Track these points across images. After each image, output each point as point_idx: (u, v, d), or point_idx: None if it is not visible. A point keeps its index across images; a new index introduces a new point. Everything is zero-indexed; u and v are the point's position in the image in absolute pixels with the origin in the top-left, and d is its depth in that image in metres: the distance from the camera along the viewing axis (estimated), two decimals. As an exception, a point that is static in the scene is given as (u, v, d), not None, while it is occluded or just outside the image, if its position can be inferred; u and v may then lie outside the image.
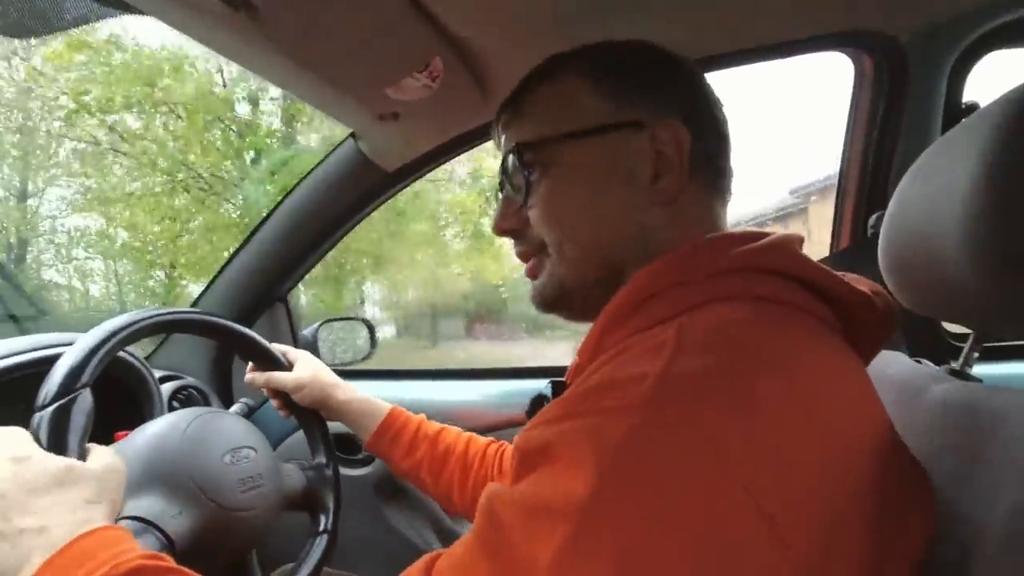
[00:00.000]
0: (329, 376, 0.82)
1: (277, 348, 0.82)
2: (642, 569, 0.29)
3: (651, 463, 0.30)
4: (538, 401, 0.69)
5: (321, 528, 0.74)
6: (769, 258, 0.42)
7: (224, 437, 0.66)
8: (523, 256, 0.53)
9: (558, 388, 0.64)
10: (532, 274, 0.52)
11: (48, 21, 0.65)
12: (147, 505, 0.57)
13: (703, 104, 0.50)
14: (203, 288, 1.15)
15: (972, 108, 0.83)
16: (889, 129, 0.85)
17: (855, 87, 0.90)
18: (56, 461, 0.46)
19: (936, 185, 0.43)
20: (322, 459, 0.79)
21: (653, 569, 0.29)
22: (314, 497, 0.75)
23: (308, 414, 0.81)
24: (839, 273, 0.45)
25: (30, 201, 6.55)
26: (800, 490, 0.31)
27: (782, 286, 0.41)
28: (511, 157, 0.50)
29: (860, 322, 0.45)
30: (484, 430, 1.05)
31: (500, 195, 0.54)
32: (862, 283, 0.48)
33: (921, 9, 0.76)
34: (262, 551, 0.96)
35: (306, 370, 0.80)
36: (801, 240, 0.45)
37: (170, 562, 0.43)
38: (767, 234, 0.45)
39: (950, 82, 0.81)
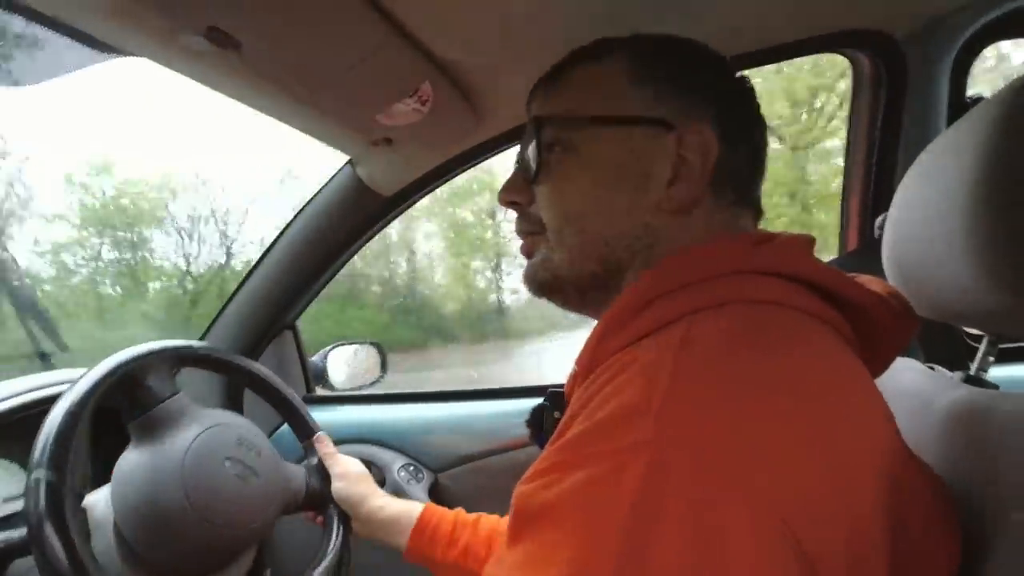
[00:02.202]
0: (371, 483, 0.81)
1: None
2: None
3: (672, 510, 0.28)
4: (537, 413, 0.67)
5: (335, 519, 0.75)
6: (775, 260, 0.40)
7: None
8: (521, 233, 0.51)
9: (556, 400, 0.61)
10: (527, 252, 0.50)
11: (44, 70, 0.67)
12: None
13: (742, 117, 0.47)
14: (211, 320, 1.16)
15: (978, 102, 0.80)
16: (891, 128, 0.83)
17: (855, 87, 0.88)
18: None
19: (937, 183, 0.42)
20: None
21: None
22: (315, 494, 0.77)
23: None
24: (851, 275, 0.43)
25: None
26: (824, 512, 0.29)
27: (788, 289, 0.39)
28: (532, 128, 0.48)
29: (874, 326, 0.42)
30: (488, 453, 1.04)
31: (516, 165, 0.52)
32: (876, 284, 0.46)
33: (916, 6, 0.75)
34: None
35: (355, 465, 0.80)
36: (811, 241, 0.43)
37: None
38: (776, 235, 0.43)
39: (952, 78, 0.79)
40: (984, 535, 0.35)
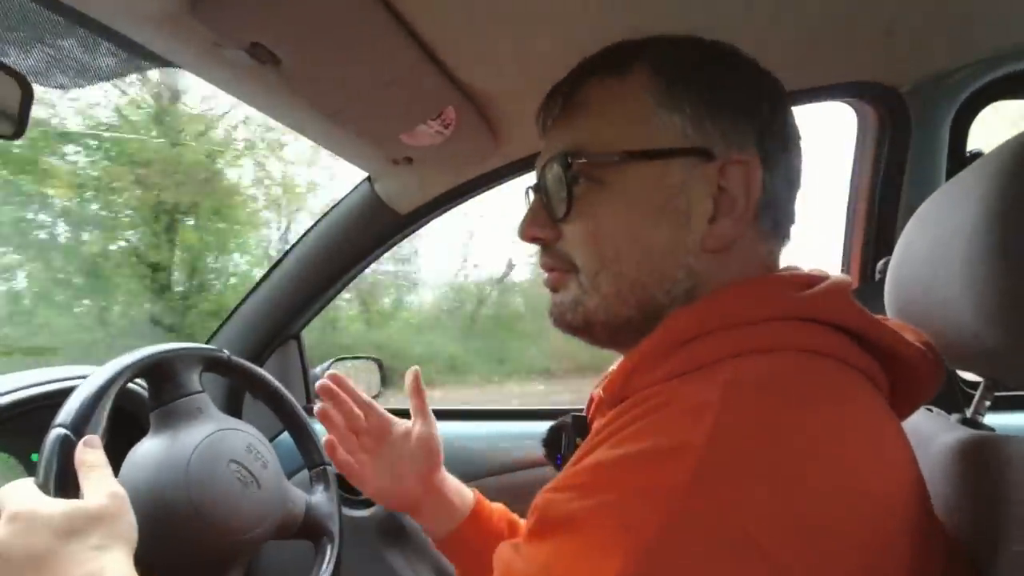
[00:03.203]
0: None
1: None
2: None
3: (685, 558, 0.29)
4: (556, 431, 0.66)
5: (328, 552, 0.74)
6: (818, 307, 0.38)
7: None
8: (547, 267, 0.47)
9: (578, 423, 0.58)
10: (554, 287, 0.46)
11: (85, 73, 0.69)
12: None
13: (782, 134, 0.43)
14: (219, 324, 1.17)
15: (977, 157, 0.84)
16: (893, 176, 0.86)
17: (859, 135, 0.92)
18: (53, 512, 0.43)
19: (939, 232, 0.44)
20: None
21: None
22: (313, 524, 0.76)
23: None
24: (891, 323, 0.43)
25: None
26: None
27: (830, 338, 0.38)
28: (556, 163, 0.43)
29: (909, 377, 0.41)
30: (501, 471, 1.04)
31: (531, 194, 0.48)
32: (910, 333, 0.44)
33: (921, 62, 0.78)
34: None
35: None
36: (850, 286, 0.42)
37: None
38: (817, 278, 0.41)
39: (953, 132, 0.82)
40: (981, 569, 0.36)
